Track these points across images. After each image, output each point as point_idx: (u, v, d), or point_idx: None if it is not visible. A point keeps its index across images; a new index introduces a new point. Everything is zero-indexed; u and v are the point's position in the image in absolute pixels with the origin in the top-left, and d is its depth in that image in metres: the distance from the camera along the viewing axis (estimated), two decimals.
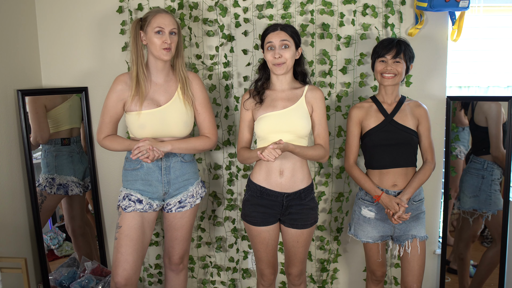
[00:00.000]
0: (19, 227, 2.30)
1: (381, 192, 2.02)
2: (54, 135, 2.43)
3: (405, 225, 2.05)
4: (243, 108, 2.05)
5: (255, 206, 2.00)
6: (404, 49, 1.99)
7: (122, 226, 1.96)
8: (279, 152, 1.78)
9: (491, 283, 2.51)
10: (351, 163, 2.11)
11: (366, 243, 2.12)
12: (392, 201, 1.99)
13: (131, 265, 1.93)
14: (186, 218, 2.11)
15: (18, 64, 2.32)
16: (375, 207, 2.08)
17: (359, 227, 2.12)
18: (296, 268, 2.09)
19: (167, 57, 1.94)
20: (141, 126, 1.96)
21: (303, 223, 2.00)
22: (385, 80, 2.01)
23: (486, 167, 2.42)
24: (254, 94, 2.03)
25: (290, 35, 1.94)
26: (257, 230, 2.02)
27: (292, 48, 1.94)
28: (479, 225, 2.48)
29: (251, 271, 2.69)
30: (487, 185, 2.42)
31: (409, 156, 2.04)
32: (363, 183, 2.07)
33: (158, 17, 1.92)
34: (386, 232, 2.09)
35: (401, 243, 2.08)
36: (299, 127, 1.94)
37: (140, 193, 2.00)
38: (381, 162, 2.04)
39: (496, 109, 2.38)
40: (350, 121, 2.10)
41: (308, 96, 1.99)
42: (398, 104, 2.05)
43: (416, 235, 2.05)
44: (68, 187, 2.49)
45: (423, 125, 2.05)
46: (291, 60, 1.95)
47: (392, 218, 1.99)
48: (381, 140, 2.02)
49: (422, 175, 2.03)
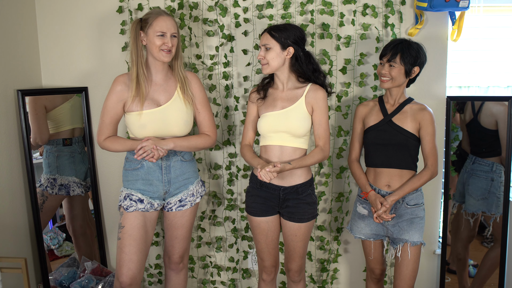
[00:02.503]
0: (19, 227, 2.31)
1: (370, 189, 2.06)
2: (55, 136, 2.43)
3: (399, 228, 2.05)
4: (249, 101, 2.11)
5: (255, 197, 2.07)
6: (402, 53, 1.95)
7: (125, 226, 1.96)
8: (275, 175, 1.88)
9: (491, 283, 2.51)
10: (352, 158, 2.17)
11: (363, 240, 2.18)
12: (376, 200, 2.02)
13: (135, 264, 1.95)
14: (186, 217, 2.12)
15: (18, 64, 2.32)
16: (369, 205, 2.10)
17: (354, 223, 2.18)
18: (295, 264, 2.12)
19: (167, 59, 1.95)
20: (142, 126, 1.96)
21: (299, 217, 2.03)
22: (381, 83, 2.03)
23: (495, 169, 2.41)
24: (259, 88, 2.09)
25: (271, 36, 1.96)
26: (257, 221, 2.08)
27: (276, 49, 1.95)
28: (487, 226, 2.48)
29: (251, 271, 2.70)
30: (496, 187, 2.41)
31: (404, 158, 2.02)
32: (357, 178, 2.13)
33: (160, 20, 1.93)
34: (379, 231, 2.11)
35: (395, 246, 2.08)
36: (295, 127, 1.97)
37: (141, 192, 2.01)
38: (375, 160, 2.07)
39: (506, 112, 2.36)
40: (355, 118, 2.17)
41: (308, 97, 2.00)
42: (400, 106, 2.05)
43: (408, 240, 2.03)
44: (70, 188, 2.49)
45: (424, 130, 2.01)
46: (274, 60, 1.97)
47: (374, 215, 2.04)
48: (375, 138, 2.05)
49: (416, 180, 2.01)
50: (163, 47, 1.92)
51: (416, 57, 1.97)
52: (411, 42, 1.99)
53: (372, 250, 2.16)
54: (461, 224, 2.52)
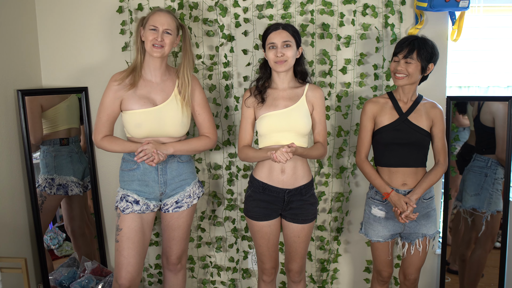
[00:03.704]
0: (19, 227, 2.30)
1: (390, 189, 2.01)
2: (52, 135, 2.42)
3: (416, 223, 2.05)
4: (244, 106, 2.06)
5: (258, 202, 2.04)
6: (419, 49, 1.93)
7: (123, 229, 1.97)
8: (291, 155, 1.83)
9: (491, 283, 2.51)
10: (362, 157, 2.09)
11: (375, 243, 2.12)
12: (400, 200, 1.98)
13: (134, 267, 1.96)
14: (183, 218, 2.11)
15: (18, 64, 2.32)
16: (385, 206, 2.06)
17: (370, 226, 2.11)
18: (296, 264, 2.12)
19: (157, 54, 1.94)
20: (137, 125, 1.96)
21: (303, 218, 2.03)
22: (396, 80, 1.99)
23: (490, 165, 2.41)
24: (255, 93, 2.04)
25: (291, 35, 1.96)
26: (259, 225, 2.05)
27: (294, 47, 1.97)
28: (480, 226, 2.48)
29: (251, 271, 2.69)
30: (489, 183, 2.41)
31: (420, 156, 2.03)
32: (373, 179, 2.05)
33: (155, 15, 1.95)
34: (396, 230, 2.08)
35: (411, 241, 2.08)
36: (300, 126, 1.97)
37: (136, 193, 2.00)
38: (390, 160, 2.03)
39: (504, 110, 2.36)
40: (364, 115, 2.07)
41: (309, 95, 2.02)
42: (414, 104, 2.03)
43: (426, 233, 2.06)
44: (68, 187, 2.48)
45: (437, 127, 2.03)
46: (293, 59, 1.97)
47: (399, 217, 1.99)
48: (393, 138, 2.01)
49: (433, 176, 2.02)
50: (153, 41, 1.92)
51: (432, 54, 1.97)
52: (426, 39, 1.98)
53: (389, 251, 2.11)
54: (459, 223, 2.52)
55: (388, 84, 2.44)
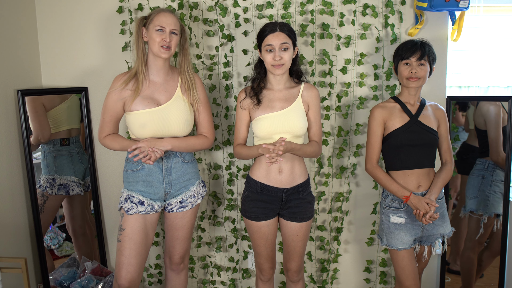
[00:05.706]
0: (19, 227, 2.31)
1: (409, 192, 1.99)
2: (53, 136, 2.43)
3: (433, 224, 2.05)
4: (239, 107, 2.06)
5: (255, 202, 2.04)
6: (428, 51, 1.99)
7: (126, 229, 1.97)
8: (282, 148, 1.83)
9: (491, 283, 2.51)
10: (374, 164, 2.06)
11: (398, 253, 2.03)
12: (421, 201, 1.96)
13: (134, 267, 1.96)
14: (187, 218, 2.11)
15: (18, 64, 2.32)
16: (404, 212, 2.04)
17: (392, 236, 2.04)
18: (295, 263, 2.12)
19: (165, 55, 1.94)
20: (141, 126, 1.96)
21: (302, 216, 2.04)
22: (410, 83, 1.99)
23: (487, 167, 2.41)
24: (251, 94, 2.03)
25: (288, 36, 1.94)
26: (257, 225, 2.05)
27: (291, 49, 1.96)
28: (478, 229, 2.47)
29: (251, 271, 2.69)
30: (486, 185, 2.41)
31: (432, 156, 2.05)
32: (389, 184, 2.02)
33: (160, 16, 1.94)
34: (417, 234, 2.06)
35: (430, 243, 2.09)
36: (297, 127, 1.97)
37: (141, 194, 2.00)
38: (405, 162, 2.02)
39: (495, 112, 2.36)
40: (374, 121, 2.05)
41: (304, 95, 2.02)
42: (421, 105, 2.06)
43: (443, 233, 2.07)
44: (69, 187, 2.49)
45: (442, 127, 2.08)
46: (290, 61, 1.97)
47: (422, 219, 1.95)
48: (407, 140, 2.00)
49: (445, 175, 2.04)
50: (162, 43, 1.92)
51: (435, 55, 2.04)
52: (427, 41, 2.04)
53: (415, 258, 2.07)
54: (460, 225, 2.51)
55: (388, 84, 2.44)
